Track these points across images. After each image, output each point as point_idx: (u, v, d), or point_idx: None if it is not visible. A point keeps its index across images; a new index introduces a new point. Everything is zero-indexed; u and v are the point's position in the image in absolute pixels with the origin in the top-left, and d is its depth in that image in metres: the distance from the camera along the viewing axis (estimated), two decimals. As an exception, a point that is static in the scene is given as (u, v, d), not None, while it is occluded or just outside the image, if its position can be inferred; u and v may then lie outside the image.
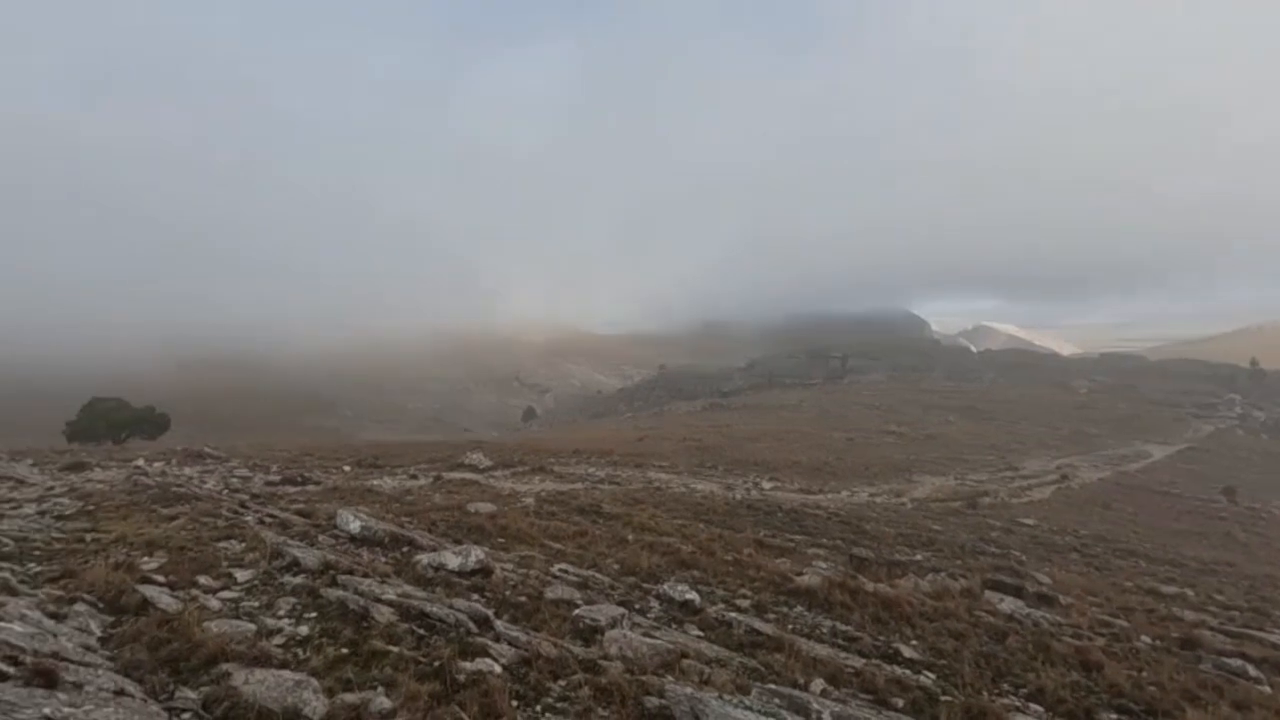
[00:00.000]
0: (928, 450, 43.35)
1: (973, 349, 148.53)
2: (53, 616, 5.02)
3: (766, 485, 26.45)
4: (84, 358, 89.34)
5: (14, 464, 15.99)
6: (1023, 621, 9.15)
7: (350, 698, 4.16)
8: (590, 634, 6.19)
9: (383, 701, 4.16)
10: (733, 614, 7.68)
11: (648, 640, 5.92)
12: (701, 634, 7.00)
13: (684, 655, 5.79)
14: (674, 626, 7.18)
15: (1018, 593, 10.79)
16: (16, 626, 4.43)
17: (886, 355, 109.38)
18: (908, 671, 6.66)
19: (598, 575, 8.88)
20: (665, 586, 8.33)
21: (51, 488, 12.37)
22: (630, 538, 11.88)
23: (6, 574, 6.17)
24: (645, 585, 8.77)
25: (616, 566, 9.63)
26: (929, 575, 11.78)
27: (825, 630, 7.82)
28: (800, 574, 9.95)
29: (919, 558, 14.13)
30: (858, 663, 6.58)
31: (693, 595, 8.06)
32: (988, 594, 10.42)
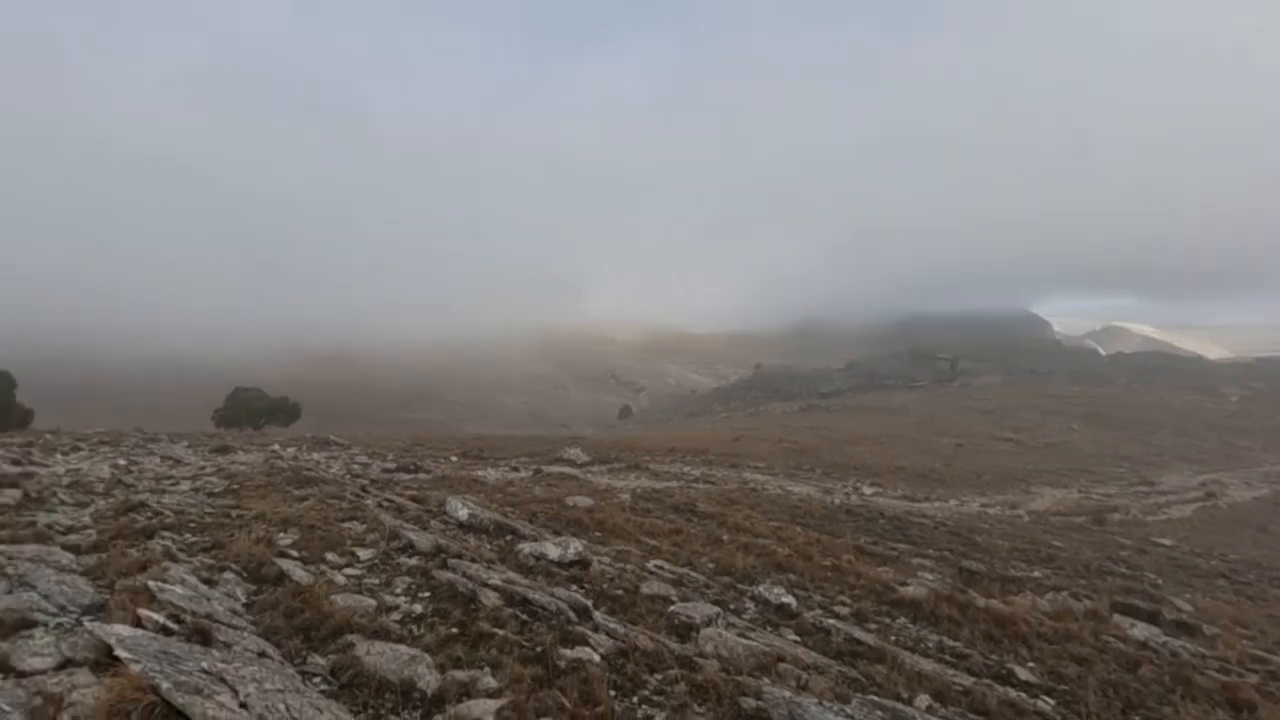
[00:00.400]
0: (1048, 459, 40.32)
1: (1101, 351, 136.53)
2: (206, 582, 5.62)
3: (867, 490, 25.51)
4: (229, 353, 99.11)
5: (173, 445, 17.99)
6: (1158, 650, 8.35)
7: (460, 675, 4.40)
8: (685, 631, 6.22)
9: (489, 681, 4.37)
10: (831, 621, 7.49)
11: (743, 641, 5.88)
12: (798, 639, 6.87)
13: (780, 659, 5.70)
14: (769, 629, 7.09)
15: (1152, 618, 9.83)
16: (178, 589, 4.99)
17: (1001, 357, 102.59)
18: (1023, 695, 6.25)
19: (692, 573, 8.90)
20: (761, 588, 8.23)
21: (203, 467, 13.81)
22: (725, 538, 11.82)
23: (168, 542, 6.96)
24: (740, 586, 8.71)
25: (711, 565, 9.61)
26: (1048, 594, 10.97)
27: (931, 645, 7.47)
28: (904, 584, 9.54)
29: (1037, 575, 13.18)
30: (966, 681, 6.23)
31: (789, 599, 7.92)
32: (1116, 618, 9.56)
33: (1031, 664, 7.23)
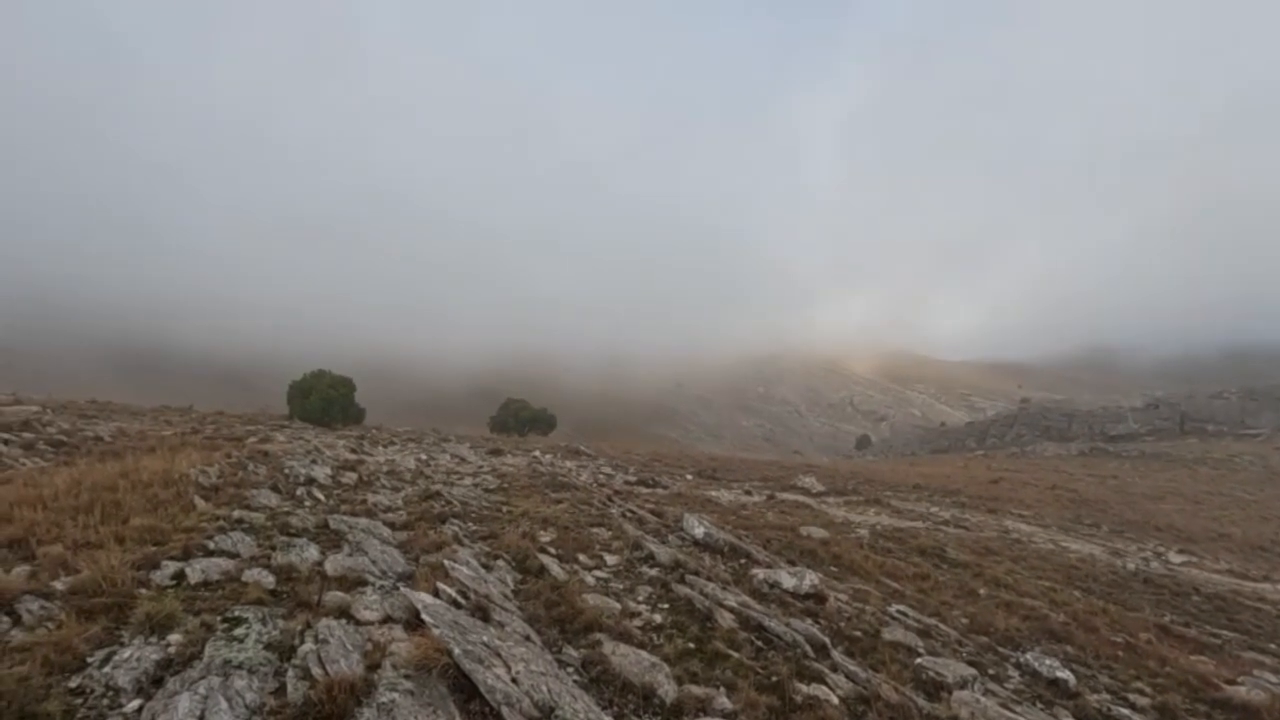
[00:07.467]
0: None
1: None
2: (484, 566, 6.49)
3: (1175, 558, 20.86)
4: (498, 368, 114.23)
5: (459, 445, 21.15)
6: None
7: (696, 690, 4.50)
8: (934, 688, 5.66)
9: (724, 702, 4.40)
10: (1124, 710, 6.26)
11: (1006, 713, 5.17)
12: (1078, 724, 5.85)
13: (1055, 743, 4.91)
14: (1039, 706, 6.14)
15: None
16: (464, 570, 5.84)
17: (1389, 402, 77.33)
18: None
19: (941, 626, 8.07)
20: (1028, 656, 7.18)
21: (480, 466, 16.01)
22: (981, 591, 10.54)
23: (456, 528, 8.19)
24: (1000, 649, 7.69)
25: (964, 621, 8.63)
26: None
27: (1274, 766, 5.85)
28: (1232, 682, 7.63)
29: None
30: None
31: (1065, 674, 6.79)
32: None
33: None
